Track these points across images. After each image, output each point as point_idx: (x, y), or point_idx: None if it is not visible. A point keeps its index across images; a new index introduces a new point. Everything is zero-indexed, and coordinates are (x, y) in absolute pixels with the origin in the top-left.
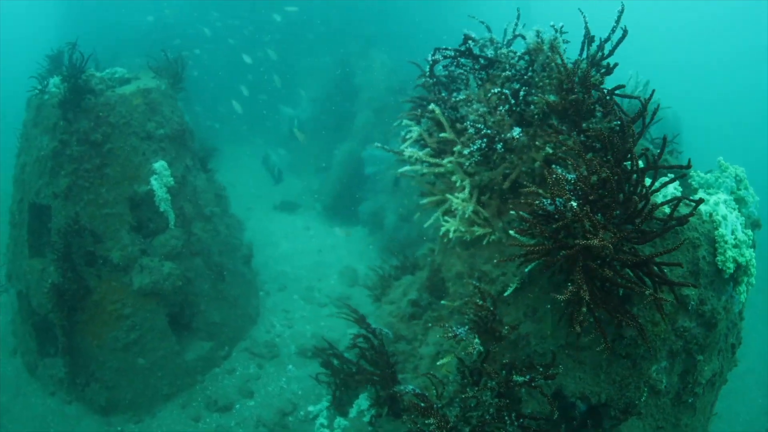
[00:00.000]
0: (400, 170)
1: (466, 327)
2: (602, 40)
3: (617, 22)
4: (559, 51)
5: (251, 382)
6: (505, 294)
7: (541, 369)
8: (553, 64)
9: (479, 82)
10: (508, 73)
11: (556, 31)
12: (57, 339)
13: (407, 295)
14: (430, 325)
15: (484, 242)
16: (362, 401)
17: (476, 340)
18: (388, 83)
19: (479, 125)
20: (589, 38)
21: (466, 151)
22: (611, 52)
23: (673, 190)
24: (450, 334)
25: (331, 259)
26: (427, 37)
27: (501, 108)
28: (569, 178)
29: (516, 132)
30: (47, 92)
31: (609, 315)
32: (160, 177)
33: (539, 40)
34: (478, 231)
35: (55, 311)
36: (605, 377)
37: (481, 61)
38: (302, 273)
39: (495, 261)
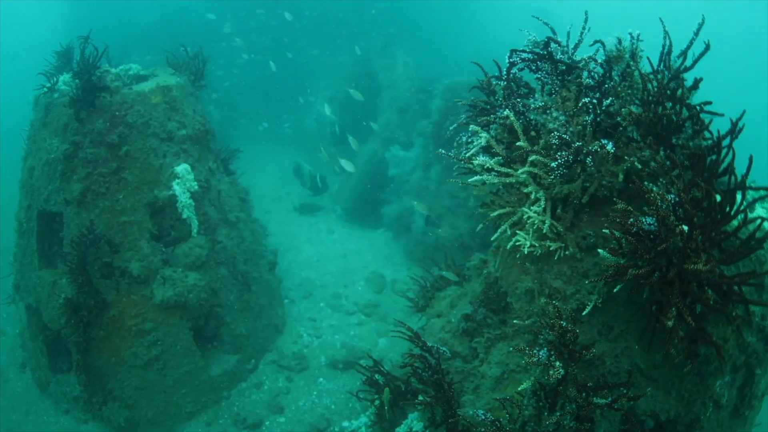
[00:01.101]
0: (470, 180)
1: (545, 349)
2: (682, 51)
3: (696, 33)
4: (650, 61)
5: (281, 397)
6: (584, 313)
7: (624, 390)
8: (636, 73)
9: (556, 89)
10: (589, 81)
11: (633, 38)
12: (70, 354)
13: (455, 308)
14: (510, 348)
15: (556, 257)
16: (414, 422)
17: (558, 363)
18: (411, 83)
19: (565, 136)
20: (668, 49)
21: (553, 164)
22: (693, 65)
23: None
24: (534, 359)
25: (356, 265)
26: (447, 37)
27: (587, 118)
28: (669, 198)
29: (609, 145)
30: (57, 90)
31: (690, 334)
32: (182, 181)
33: (621, 47)
34: (553, 246)
35: (69, 327)
36: (676, 394)
37: (560, 66)
38: (328, 279)
39: (589, 280)
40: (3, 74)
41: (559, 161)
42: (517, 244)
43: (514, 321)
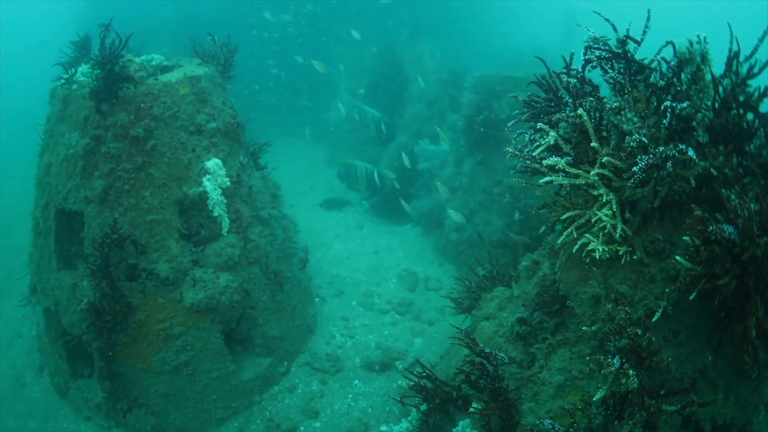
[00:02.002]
0: (541, 180)
1: (618, 357)
2: (746, 57)
3: (761, 39)
4: (728, 66)
5: (315, 401)
6: (654, 319)
7: (693, 397)
8: (708, 76)
9: (629, 89)
10: (662, 82)
11: (700, 41)
12: (92, 359)
13: (504, 310)
14: (572, 354)
15: (622, 261)
16: (466, 430)
17: (631, 372)
18: (439, 75)
19: (644, 139)
20: (735, 54)
21: (635, 168)
22: (759, 72)
23: None
24: (612, 369)
25: (387, 262)
26: (470, 30)
27: (665, 121)
28: (753, 207)
29: (690, 151)
30: (75, 82)
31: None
32: (214, 177)
33: (692, 50)
34: (622, 250)
35: (91, 333)
36: (734, 399)
37: (633, 66)
38: (359, 276)
39: (668, 289)
40: (17, 69)
41: (641, 165)
42: (589, 248)
43: (582, 328)
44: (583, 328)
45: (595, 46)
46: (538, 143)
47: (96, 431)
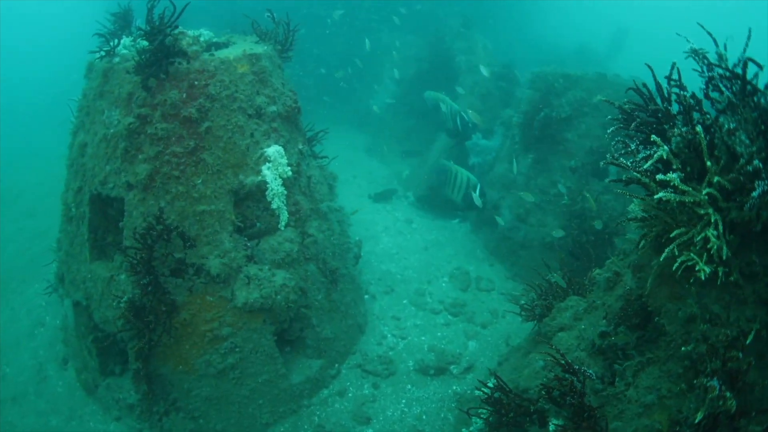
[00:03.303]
0: (657, 196)
1: (716, 378)
2: None
3: None
4: None
5: (367, 406)
6: (747, 342)
7: None
8: None
9: (742, 110)
10: None
11: None
12: (124, 356)
13: (581, 321)
14: (661, 373)
15: (718, 282)
16: None
17: (728, 394)
18: (491, 68)
19: (760, 164)
20: None
21: (754, 193)
22: None
23: None
24: (716, 392)
25: (438, 259)
26: (519, 24)
27: None
28: None
29: None
30: (117, 54)
31: None
32: (274, 166)
33: None
34: (721, 270)
35: (127, 331)
36: None
37: (748, 87)
38: (410, 273)
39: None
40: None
41: (759, 190)
42: (696, 269)
43: (682, 349)
44: (682, 348)
45: (701, 60)
46: (643, 155)
47: None
